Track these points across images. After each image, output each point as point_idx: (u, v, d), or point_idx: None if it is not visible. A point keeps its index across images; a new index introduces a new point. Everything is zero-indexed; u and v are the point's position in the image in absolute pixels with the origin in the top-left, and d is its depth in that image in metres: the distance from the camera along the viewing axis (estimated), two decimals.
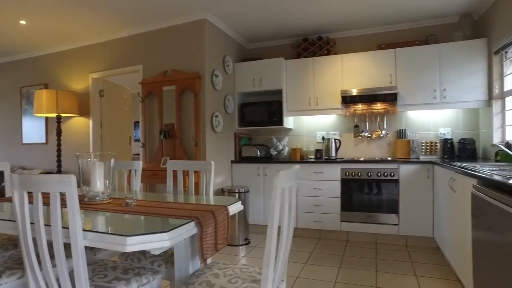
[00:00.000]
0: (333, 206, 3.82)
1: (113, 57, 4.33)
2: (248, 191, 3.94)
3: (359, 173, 3.69)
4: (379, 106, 4.15)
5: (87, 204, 1.83)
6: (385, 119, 4.17)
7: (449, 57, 3.66)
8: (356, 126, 4.27)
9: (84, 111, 4.51)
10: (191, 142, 3.78)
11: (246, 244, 3.87)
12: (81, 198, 1.89)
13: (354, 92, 3.84)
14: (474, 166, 2.46)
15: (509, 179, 1.64)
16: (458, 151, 3.73)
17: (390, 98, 3.75)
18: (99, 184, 1.94)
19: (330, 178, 3.83)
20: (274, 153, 4.48)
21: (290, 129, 4.66)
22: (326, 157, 4.11)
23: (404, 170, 3.55)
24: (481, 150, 3.79)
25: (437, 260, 3.18)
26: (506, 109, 3.40)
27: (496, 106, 3.48)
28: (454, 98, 3.64)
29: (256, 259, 3.35)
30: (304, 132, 4.60)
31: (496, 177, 1.73)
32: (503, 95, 3.43)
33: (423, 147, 4.01)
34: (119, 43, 4.29)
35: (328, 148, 4.10)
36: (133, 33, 4.16)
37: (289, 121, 4.39)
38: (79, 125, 4.59)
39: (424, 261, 3.17)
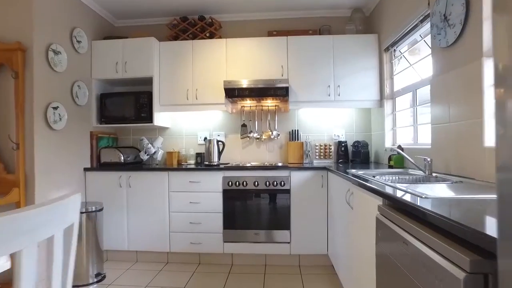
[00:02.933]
0: (214, 223, 3.08)
1: None
2: (101, 209, 2.92)
3: (245, 182, 3.03)
4: (269, 103, 3.60)
5: None
6: (276, 118, 3.63)
7: (342, 51, 3.29)
8: (244, 125, 3.64)
9: None
10: (9, 144, 2.61)
11: (99, 281, 2.85)
12: None
13: (240, 84, 3.19)
14: (373, 176, 1.97)
15: (417, 199, 1.09)
16: (352, 155, 3.39)
17: (281, 93, 3.20)
18: None
19: (210, 189, 3.08)
20: (145, 157, 3.55)
21: (166, 128, 3.79)
22: (207, 163, 3.36)
23: (296, 178, 3.01)
24: (373, 154, 3.52)
25: (330, 282, 2.68)
26: (397, 110, 3.16)
27: (387, 106, 3.21)
28: (348, 96, 3.28)
29: None
30: (183, 132, 3.79)
31: (406, 197, 1.18)
32: (393, 95, 3.18)
33: (317, 151, 3.58)
34: None
35: (209, 152, 3.36)
36: None
37: (162, 118, 3.52)
38: None
39: (317, 284, 2.64)
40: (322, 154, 3.57)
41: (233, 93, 3.22)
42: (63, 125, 2.92)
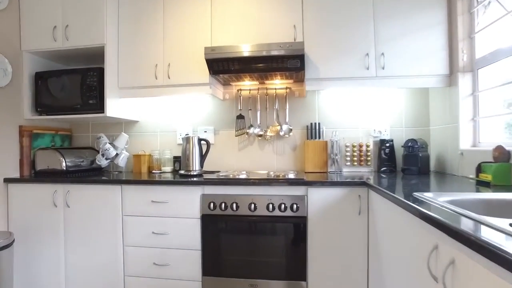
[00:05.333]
0: (188, 266, 1.99)
1: None
2: (7, 246, 1.89)
3: (235, 205, 1.92)
4: (278, 83, 2.47)
5: None
6: (287, 106, 2.49)
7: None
8: (240, 117, 2.52)
9: None
10: None
11: None
12: None
13: (229, 52, 2.06)
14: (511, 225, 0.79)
15: None
16: (404, 162, 2.20)
17: (294, 65, 2.06)
18: None
19: (183, 214, 2.00)
20: (103, 162, 2.52)
21: (134, 122, 2.74)
22: (183, 172, 2.27)
23: (317, 198, 1.87)
24: (433, 160, 2.33)
25: None
26: (480, 89, 1.96)
27: (464, 83, 2.01)
28: (397, 69, 2.11)
29: None
30: (158, 127, 2.72)
31: None
32: (473, 66, 1.99)
33: (349, 154, 2.43)
34: None
35: (186, 156, 2.27)
36: None
37: (123, 107, 2.46)
38: None
39: None
40: (355, 158, 2.41)
41: (218, 66, 2.11)
42: None
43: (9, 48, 2.28)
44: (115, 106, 2.36)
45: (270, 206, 1.88)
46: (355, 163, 2.41)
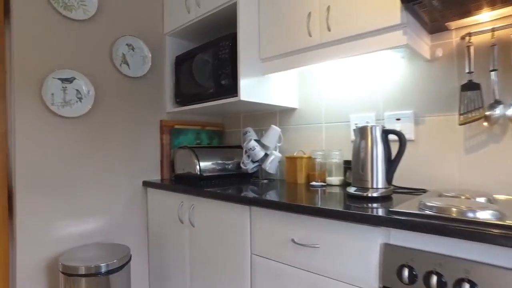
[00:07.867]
0: None
1: None
2: (121, 266, 1.45)
3: (467, 287, 0.79)
4: None
5: None
6: None
7: None
8: (472, 87, 1.27)
9: None
10: None
11: None
12: None
13: None
14: None
15: None
16: None
17: None
18: None
19: (346, 275, 1.02)
20: (249, 166, 1.87)
21: (291, 110, 1.95)
22: (355, 190, 1.27)
23: None
24: None
25: None
26: None
27: None
28: None
29: None
30: (323, 116, 1.81)
31: None
32: None
33: None
34: None
35: (358, 161, 1.27)
36: None
37: (266, 88, 1.70)
38: None
39: None
40: None
41: None
42: (84, 108, 1.65)
43: (149, 33, 1.96)
44: (254, 86, 1.63)
45: None
46: None
